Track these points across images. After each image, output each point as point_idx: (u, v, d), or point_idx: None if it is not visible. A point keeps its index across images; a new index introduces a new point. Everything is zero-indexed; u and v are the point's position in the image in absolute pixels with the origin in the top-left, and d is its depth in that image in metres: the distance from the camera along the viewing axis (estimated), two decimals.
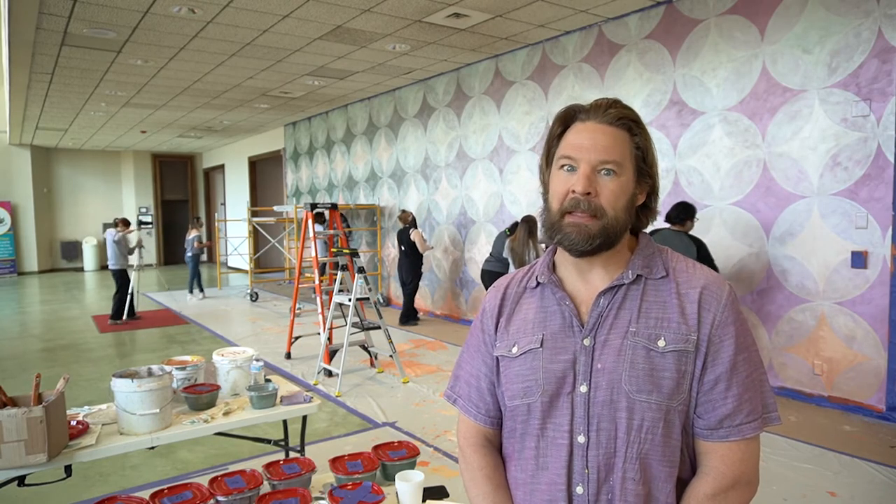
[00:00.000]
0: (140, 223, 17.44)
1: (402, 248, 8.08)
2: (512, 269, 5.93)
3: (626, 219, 1.09)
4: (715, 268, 4.81)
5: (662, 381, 1.04)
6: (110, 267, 8.56)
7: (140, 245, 9.16)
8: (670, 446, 1.06)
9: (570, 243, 1.07)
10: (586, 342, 1.08)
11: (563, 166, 1.08)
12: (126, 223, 8.90)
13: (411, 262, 8.06)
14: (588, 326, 1.09)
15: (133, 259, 9.01)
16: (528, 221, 5.95)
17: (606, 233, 1.06)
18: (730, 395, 1.05)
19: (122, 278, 8.57)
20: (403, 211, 8.29)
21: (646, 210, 1.14)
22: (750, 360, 1.07)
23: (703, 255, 4.60)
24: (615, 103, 1.10)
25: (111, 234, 8.56)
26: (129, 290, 8.62)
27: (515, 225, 6.50)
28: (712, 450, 1.07)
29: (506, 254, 6.03)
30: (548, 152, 1.13)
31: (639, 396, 1.04)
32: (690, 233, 4.79)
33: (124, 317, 8.63)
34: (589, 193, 1.05)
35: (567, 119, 1.12)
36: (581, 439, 1.07)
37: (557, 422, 1.09)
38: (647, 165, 1.11)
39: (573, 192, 1.06)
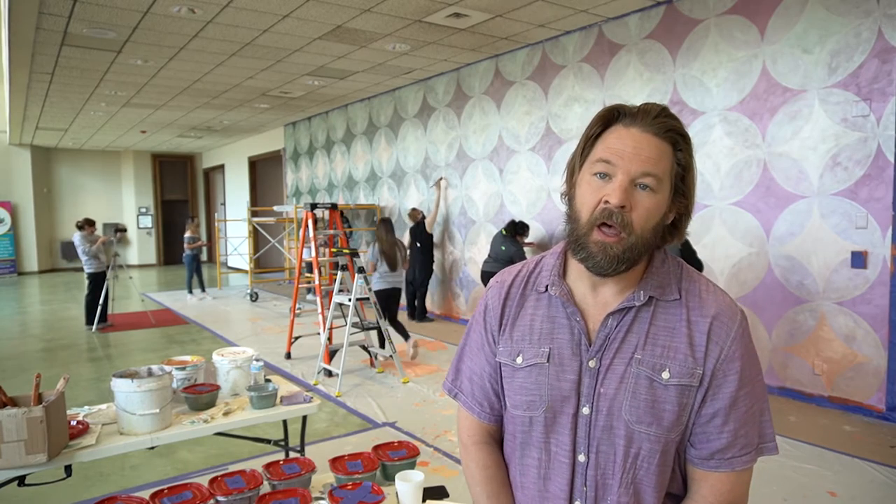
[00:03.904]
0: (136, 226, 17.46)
1: (418, 245, 8.10)
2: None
3: (652, 239, 1.02)
4: (700, 264, 4.88)
5: (664, 413, 1.02)
6: (85, 270, 8.08)
7: (105, 245, 8.26)
8: (664, 475, 1.05)
9: (593, 265, 1.01)
10: (592, 364, 1.05)
11: (597, 172, 1.00)
12: (91, 224, 8.20)
13: (426, 259, 8.10)
14: (594, 348, 1.05)
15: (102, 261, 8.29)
16: (385, 222, 6.25)
17: (630, 254, 1.00)
18: (725, 430, 1.03)
19: (94, 281, 8.06)
20: (414, 209, 8.31)
21: (673, 230, 1.07)
22: (752, 393, 1.04)
23: (686, 252, 4.67)
24: (664, 111, 1.01)
25: (76, 237, 8.02)
26: (103, 297, 8.11)
27: (511, 224, 6.54)
28: (702, 478, 1.06)
29: (371, 257, 6.10)
30: (581, 152, 1.05)
31: (638, 427, 1.02)
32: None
33: (94, 324, 8.10)
34: (623, 207, 0.98)
35: (608, 119, 1.03)
36: (581, 458, 1.06)
37: (560, 439, 1.08)
38: (684, 185, 1.03)
39: (606, 202, 0.98)
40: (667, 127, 1.01)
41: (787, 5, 4.63)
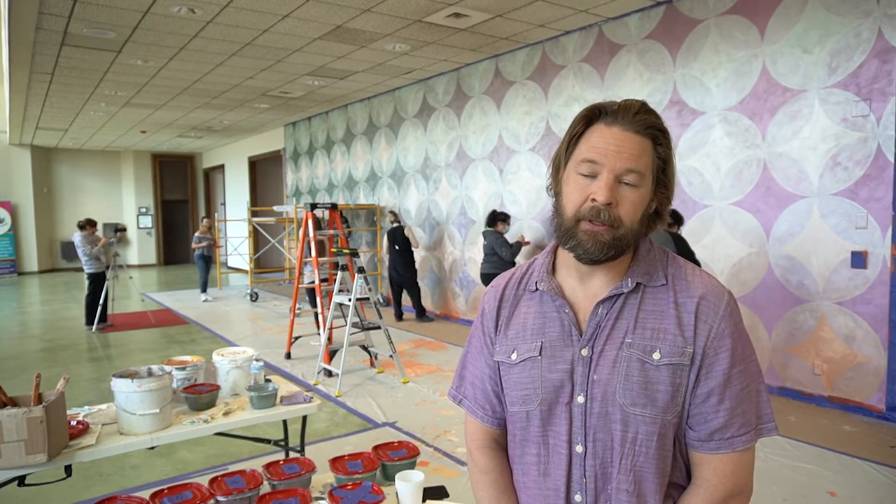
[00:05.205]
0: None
1: (396, 248, 8.13)
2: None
3: (639, 229, 1.06)
4: (696, 262, 4.88)
5: (657, 394, 1.03)
6: (85, 270, 8.03)
7: (105, 246, 8.12)
8: (664, 459, 1.05)
9: (584, 252, 1.03)
10: (584, 352, 1.07)
11: (582, 171, 1.03)
12: (92, 224, 8.13)
13: (407, 259, 8.14)
14: (586, 336, 1.07)
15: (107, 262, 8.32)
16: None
17: (620, 243, 1.03)
18: (722, 409, 1.03)
19: (94, 282, 8.04)
20: (391, 211, 8.46)
21: (655, 217, 1.10)
22: (746, 371, 1.05)
23: (681, 249, 4.68)
24: (643, 108, 1.04)
25: (77, 237, 7.97)
26: (103, 298, 8.06)
27: (491, 215, 6.65)
28: (704, 461, 1.06)
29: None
30: (565, 151, 1.07)
31: (633, 409, 1.03)
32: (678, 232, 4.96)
33: (94, 324, 8.07)
34: (610, 204, 1.01)
35: (590, 118, 1.06)
36: (579, 449, 1.06)
37: (556, 430, 1.08)
38: (665, 177, 1.07)
39: (593, 200, 1.01)
40: (647, 124, 1.04)
41: (787, 5, 4.63)
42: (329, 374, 5.64)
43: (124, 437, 2.42)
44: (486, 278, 6.76)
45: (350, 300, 5.34)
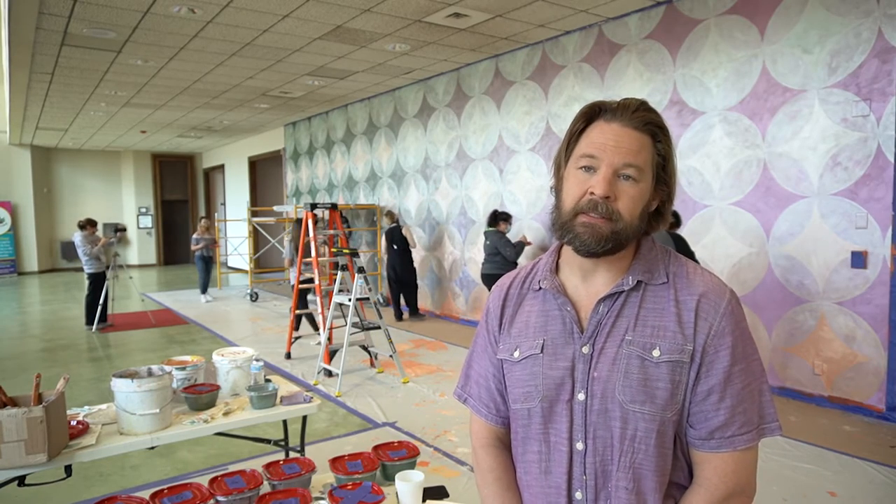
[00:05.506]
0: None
1: (395, 247, 8.15)
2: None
3: (639, 225, 1.06)
4: (695, 262, 4.88)
5: (657, 391, 1.03)
6: (85, 270, 8.02)
7: (106, 246, 8.14)
8: (663, 457, 1.05)
9: (581, 244, 1.04)
10: (585, 350, 1.07)
11: (582, 166, 1.05)
12: (93, 224, 8.14)
13: (405, 258, 8.17)
14: (587, 334, 1.07)
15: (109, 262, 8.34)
16: (301, 223, 6.98)
17: (618, 237, 1.03)
18: (722, 407, 1.03)
19: (94, 282, 8.03)
20: (389, 211, 8.46)
21: (657, 216, 1.11)
22: (747, 370, 1.05)
23: (681, 248, 4.68)
24: (642, 105, 1.06)
25: (77, 237, 7.98)
26: (102, 298, 8.06)
27: (492, 215, 6.65)
28: (705, 460, 1.05)
29: (288, 254, 6.80)
30: (566, 148, 1.09)
31: (632, 406, 1.03)
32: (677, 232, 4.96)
33: (94, 324, 8.07)
34: (608, 197, 1.02)
35: (590, 115, 1.08)
36: (580, 446, 1.07)
37: (557, 428, 1.09)
38: (665, 174, 1.08)
39: (591, 193, 1.03)
40: (645, 120, 1.05)
41: (787, 5, 4.63)
42: (329, 374, 5.64)
43: (124, 437, 2.42)
44: (488, 278, 6.76)
45: (350, 300, 5.35)
